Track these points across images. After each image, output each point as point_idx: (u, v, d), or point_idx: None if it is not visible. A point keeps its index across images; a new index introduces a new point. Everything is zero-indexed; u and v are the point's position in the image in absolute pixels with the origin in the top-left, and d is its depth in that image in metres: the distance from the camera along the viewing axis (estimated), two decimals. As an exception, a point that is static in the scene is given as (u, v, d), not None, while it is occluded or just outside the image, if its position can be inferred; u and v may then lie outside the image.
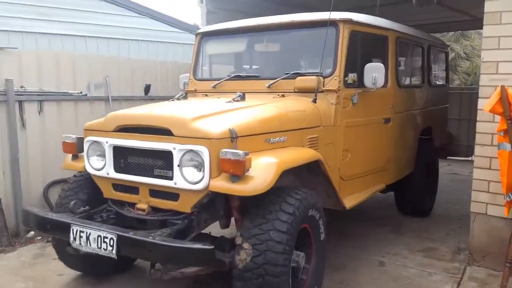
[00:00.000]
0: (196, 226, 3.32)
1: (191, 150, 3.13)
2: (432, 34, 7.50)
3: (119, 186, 3.60)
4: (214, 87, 4.75)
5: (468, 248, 4.58)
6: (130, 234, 3.02)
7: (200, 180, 3.11)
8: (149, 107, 3.96)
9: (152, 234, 3.01)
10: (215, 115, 3.40)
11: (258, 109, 3.68)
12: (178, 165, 3.18)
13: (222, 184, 3.04)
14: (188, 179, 3.17)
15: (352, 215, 5.22)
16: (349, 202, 4.21)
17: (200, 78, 5.03)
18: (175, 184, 3.21)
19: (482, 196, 4.31)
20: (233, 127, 3.16)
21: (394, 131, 5.05)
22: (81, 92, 6.31)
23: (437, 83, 7.01)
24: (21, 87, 5.72)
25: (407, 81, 5.79)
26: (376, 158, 4.81)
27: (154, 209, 3.45)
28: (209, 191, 3.11)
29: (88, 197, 3.86)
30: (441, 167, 9.21)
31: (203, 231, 3.69)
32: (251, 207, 3.20)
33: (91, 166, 3.67)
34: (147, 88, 6.90)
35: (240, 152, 2.94)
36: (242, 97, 3.91)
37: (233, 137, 3.13)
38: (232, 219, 3.56)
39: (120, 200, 3.63)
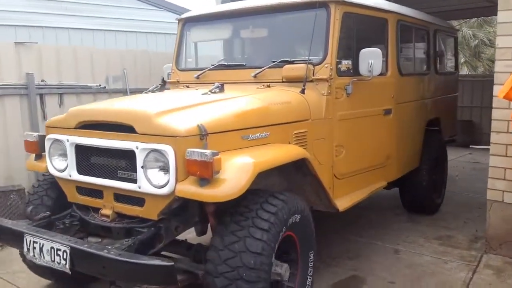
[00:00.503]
0: (165, 234, 2.94)
1: (155, 150, 2.74)
2: (452, 21, 6.99)
3: (83, 189, 3.24)
4: (197, 77, 4.35)
5: (485, 236, 4.52)
6: (84, 247, 2.65)
7: (166, 184, 2.73)
8: (114, 101, 3.58)
9: (109, 247, 2.64)
10: (184, 109, 3.00)
11: (236, 101, 3.27)
12: (142, 167, 2.80)
13: (189, 189, 2.66)
14: (153, 182, 2.79)
15: (368, 204, 5.16)
16: (343, 203, 3.80)
17: (183, 68, 4.64)
18: (139, 188, 2.83)
19: (499, 184, 4.26)
20: (202, 123, 2.77)
21: (395, 123, 4.61)
22: (99, 85, 6.55)
23: (445, 70, 6.53)
24: (42, 80, 5.97)
25: (410, 69, 5.33)
26: (375, 154, 4.38)
27: (121, 216, 3.08)
28: (176, 196, 2.72)
29: (55, 201, 3.52)
30: (463, 155, 9.59)
31: (178, 238, 3.35)
32: (224, 214, 2.81)
33: (54, 167, 3.32)
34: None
35: (208, 152, 2.54)
36: (221, 88, 3.51)
37: (202, 134, 2.74)
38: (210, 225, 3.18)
39: (85, 205, 3.27)
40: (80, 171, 3.17)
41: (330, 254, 4.46)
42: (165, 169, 2.74)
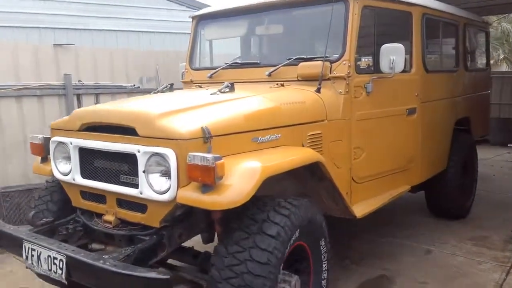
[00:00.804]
0: (168, 243, 2.78)
1: (156, 153, 2.58)
2: (490, 16, 6.59)
3: (87, 193, 3.12)
4: (210, 77, 4.20)
5: None
6: (80, 256, 2.51)
7: (167, 190, 2.57)
8: (118, 102, 3.45)
9: (106, 256, 2.49)
10: (189, 110, 2.83)
11: (245, 101, 3.08)
12: (144, 171, 2.65)
13: (190, 195, 2.48)
14: (155, 188, 2.63)
15: (402, 203, 5.11)
16: (361, 209, 3.56)
17: (197, 68, 4.48)
18: (141, 193, 2.68)
19: None
20: (207, 125, 2.59)
21: (420, 124, 4.33)
22: (134, 85, 6.68)
23: (476, 66, 6.17)
24: (79, 81, 6.17)
25: (437, 65, 5.02)
26: (397, 156, 4.11)
27: (124, 222, 2.94)
28: (178, 203, 2.56)
29: (61, 206, 3.41)
30: (500, 154, 9.46)
31: (185, 245, 3.20)
32: (229, 222, 2.63)
33: (58, 170, 3.20)
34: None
35: (209, 156, 2.37)
36: (231, 88, 3.33)
37: (206, 137, 2.56)
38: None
39: (89, 210, 3.14)
40: (84, 175, 3.04)
41: (359, 253, 4.42)
42: (167, 174, 2.58)
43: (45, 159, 3.40)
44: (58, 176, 3.21)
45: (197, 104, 2.93)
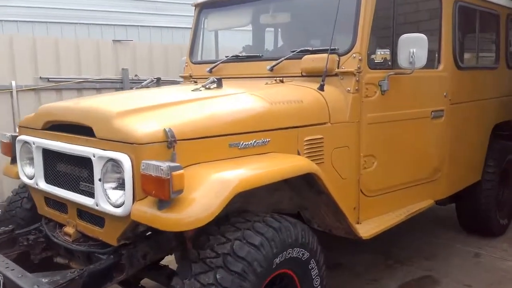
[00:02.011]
0: (128, 264, 2.37)
1: (112, 159, 2.18)
2: None
3: (51, 201, 2.76)
4: (210, 71, 3.77)
5: None
6: (16, 278, 2.14)
7: (123, 203, 2.16)
8: (85, 98, 3.07)
9: (45, 280, 2.11)
10: (157, 108, 2.40)
11: (229, 100, 2.63)
12: (100, 179, 2.25)
13: (146, 211, 2.06)
14: (111, 199, 2.24)
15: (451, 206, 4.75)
16: (370, 228, 3.04)
17: (197, 61, 4.06)
18: (97, 205, 2.28)
19: None
20: (172, 127, 2.16)
21: (448, 128, 3.73)
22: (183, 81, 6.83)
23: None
24: (135, 75, 6.36)
25: (472, 61, 4.37)
26: (419, 166, 3.54)
27: (86, 236, 2.56)
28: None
29: (31, 213, 3.07)
30: None
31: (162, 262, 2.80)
32: (196, 243, 2.19)
33: (24, 173, 2.87)
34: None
35: (164, 165, 1.93)
36: (218, 83, 2.88)
37: (169, 141, 2.13)
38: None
39: (52, 219, 2.79)
40: (47, 179, 2.69)
41: (405, 253, 4.35)
42: (123, 184, 2.16)
43: (14, 160, 3.07)
44: (24, 179, 2.88)
45: (168, 102, 2.49)
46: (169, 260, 2.82)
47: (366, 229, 2.99)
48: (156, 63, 6.70)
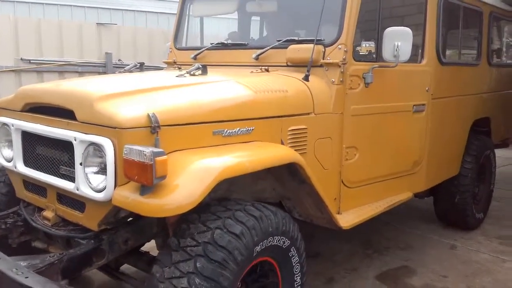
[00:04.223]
0: (108, 249, 2.35)
1: (93, 143, 2.15)
2: None
3: (30, 184, 2.72)
4: (194, 58, 3.73)
5: None
6: None
7: (104, 188, 2.14)
8: (65, 81, 3.02)
9: (24, 263, 2.08)
10: (140, 93, 2.37)
11: (214, 87, 2.61)
12: (81, 163, 2.22)
13: (127, 197, 2.05)
14: (92, 184, 2.21)
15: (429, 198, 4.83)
16: (350, 219, 3.07)
17: (181, 47, 4.02)
18: (77, 189, 2.26)
19: None
20: (156, 112, 2.14)
21: (429, 123, 3.78)
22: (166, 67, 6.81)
23: (501, 61, 5.54)
24: (119, 60, 6.33)
25: (454, 57, 4.43)
26: (399, 159, 3.59)
27: (66, 221, 2.53)
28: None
29: (10, 196, 3.01)
30: None
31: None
32: (178, 230, 2.18)
33: (2, 156, 2.81)
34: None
35: (147, 150, 1.92)
36: (203, 70, 2.87)
37: (153, 126, 2.11)
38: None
39: (31, 203, 2.75)
40: (27, 162, 2.64)
41: (383, 243, 4.42)
42: (105, 168, 2.14)
43: (-7, 142, 3.00)
44: (2, 162, 2.83)
45: (152, 87, 2.46)
46: (150, 247, 2.81)
47: (347, 220, 3.03)
48: (140, 48, 6.65)
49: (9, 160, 2.76)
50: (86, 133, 2.20)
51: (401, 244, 4.40)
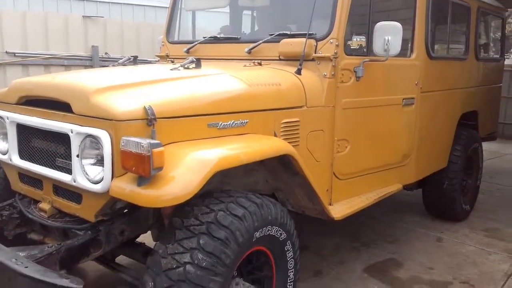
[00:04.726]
0: (105, 240, 2.39)
1: (90, 135, 2.18)
2: None
3: (25, 176, 2.74)
4: (187, 51, 3.76)
5: None
6: None
7: (102, 179, 2.17)
8: (60, 74, 3.03)
9: (23, 254, 2.11)
10: (136, 86, 2.40)
11: (208, 80, 2.65)
12: (77, 155, 2.25)
13: (125, 188, 2.08)
14: (89, 175, 2.24)
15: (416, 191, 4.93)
16: (342, 210, 3.14)
17: (173, 41, 4.04)
18: (74, 181, 2.29)
19: None
20: (152, 104, 2.17)
21: (418, 116, 3.86)
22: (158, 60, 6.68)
23: (488, 56, 5.64)
24: (106, 53, 6.31)
25: (443, 52, 4.52)
26: (389, 151, 3.66)
27: (62, 212, 2.55)
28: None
29: (6, 187, 3.02)
30: None
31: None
32: (172, 219, 2.22)
33: (-3, 148, 2.82)
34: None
35: (145, 142, 1.96)
36: (197, 63, 2.90)
37: (149, 119, 2.15)
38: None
39: (26, 195, 2.77)
40: (22, 155, 2.66)
41: (370, 236, 4.46)
42: (102, 160, 2.17)
43: (-14, 135, 3.01)
44: (-3, 154, 2.83)
45: (147, 80, 2.50)
46: (144, 239, 2.85)
47: (338, 211, 3.09)
48: (127, 41, 6.60)
49: (4, 153, 2.77)
50: (82, 126, 2.22)
51: (388, 237, 4.44)
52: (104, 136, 2.11)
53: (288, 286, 2.59)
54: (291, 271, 2.60)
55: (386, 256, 4.03)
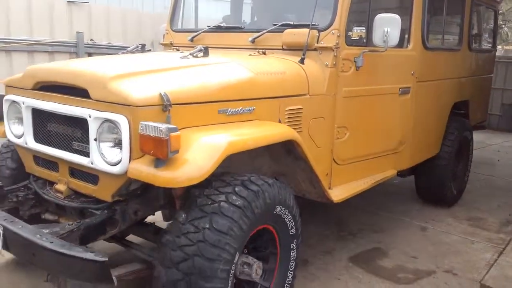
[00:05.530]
0: (121, 219, 2.53)
1: (108, 120, 2.31)
2: None
3: (40, 159, 2.86)
4: (191, 40, 3.87)
5: None
6: (16, 228, 2.26)
7: (119, 162, 2.30)
8: (75, 60, 3.14)
9: (46, 231, 2.25)
10: (151, 73, 2.53)
11: (217, 68, 2.78)
12: (95, 139, 2.38)
13: (142, 169, 2.22)
14: (107, 158, 2.37)
15: (400, 179, 5.06)
16: (340, 193, 3.31)
17: (178, 29, 4.14)
18: (92, 163, 2.41)
19: None
20: (167, 91, 2.30)
21: (413, 105, 4.03)
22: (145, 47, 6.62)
23: (480, 47, 5.81)
24: (91, 40, 6.22)
25: (438, 43, 4.67)
26: (385, 138, 3.83)
27: (78, 193, 2.69)
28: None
29: (18, 171, 3.14)
30: (508, 141, 9.42)
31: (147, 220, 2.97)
32: (186, 203, 2.37)
33: (11, 132, 2.93)
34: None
35: (163, 126, 2.09)
36: (205, 52, 3.02)
37: (165, 105, 2.27)
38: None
39: (42, 177, 2.89)
40: (37, 138, 2.77)
41: (356, 226, 4.49)
42: (119, 144, 2.30)
43: (0, 119, 3.12)
44: (11, 138, 2.94)
45: (161, 68, 2.62)
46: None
47: (337, 194, 3.26)
48: (113, 27, 6.46)
49: (18, 137, 2.88)
50: (100, 111, 2.35)
51: (373, 226, 4.46)
52: (122, 121, 2.23)
53: (290, 264, 2.76)
54: (293, 250, 2.76)
55: (371, 246, 4.05)
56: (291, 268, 2.77)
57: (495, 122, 10.32)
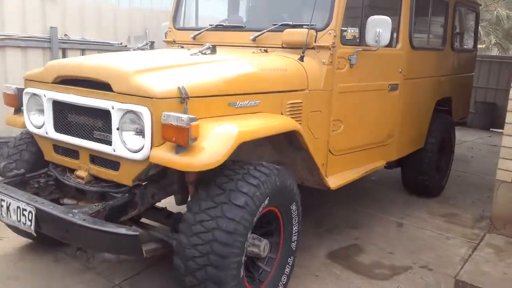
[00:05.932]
0: (140, 202, 2.77)
1: (131, 111, 2.54)
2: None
3: (60, 148, 3.07)
4: (194, 38, 4.10)
5: (490, 215, 4.60)
6: (49, 208, 2.49)
7: (141, 149, 2.54)
8: (94, 56, 3.36)
9: (76, 210, 2.48)
10: (167, 69, 2.77)
11: (226, 64, 3.03)
12: (117, 128, 2.61)
13: (164, 155, 2.46)
14: (128, 146, 2.60)
15: (377, 177, 5.32)
16: (336, 181, 3.59)
17: (180, 27, 4.37)
18: (114, 151, 2.64)
19: (509, 164, 4.26)
20: (184, 85, 2.54)
21: (401, 100, 4.34)
22: (121, 43, 6.65)
23: (462, 47, 6.16)
24: (65, 35, 6.08)
25: (423, 43, 4.99)
26: (376, 131, 4.13)
27: (97, 179, 2.91)
28: (151, 163, 2.54)
29: (34, 159, 3.34)
30: (482, 138, 9.71)
31: (158, 205, 3.20)
32: (204, 184, 2.62)
33: (31, 123, 3.14)
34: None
35: (184, 116, 2.33)
36: (213, 50, 3.26)
37: (182, 98, 2.52)
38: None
39: (61, 164, 3.10)
40: (57, 128, 2.99)
41: (333, 222, 4.54)
42: (141, 132, 2.54)
43: (18, 111, 3.32)
44: (31, 128, 3.14)
45: (176, 64, 2.87)
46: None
47: (333, 182, 3.54)
48: (88, 23, 6.32)
49: (38, 127, 3.08)
50: (122, 102, 2.57)
51: (350, 223, 4.51)
52: (145, 112, 2.47)
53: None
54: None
55: (349, 242, 4.09)
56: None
57: (468, 119, 10.69)
